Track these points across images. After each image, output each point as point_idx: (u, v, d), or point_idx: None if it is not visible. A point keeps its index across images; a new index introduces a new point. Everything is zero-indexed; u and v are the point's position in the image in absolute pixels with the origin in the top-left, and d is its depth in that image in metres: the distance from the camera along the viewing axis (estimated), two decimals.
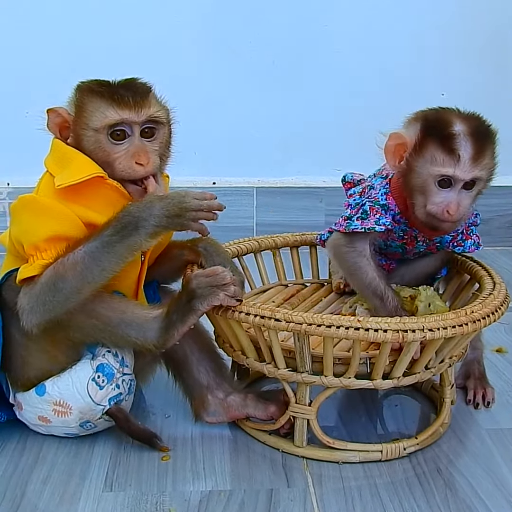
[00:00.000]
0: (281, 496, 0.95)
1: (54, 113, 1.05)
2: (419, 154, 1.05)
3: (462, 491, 0.96)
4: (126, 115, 1.02)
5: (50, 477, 0.99)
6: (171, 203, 0.97)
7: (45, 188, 1.03)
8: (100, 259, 0.96)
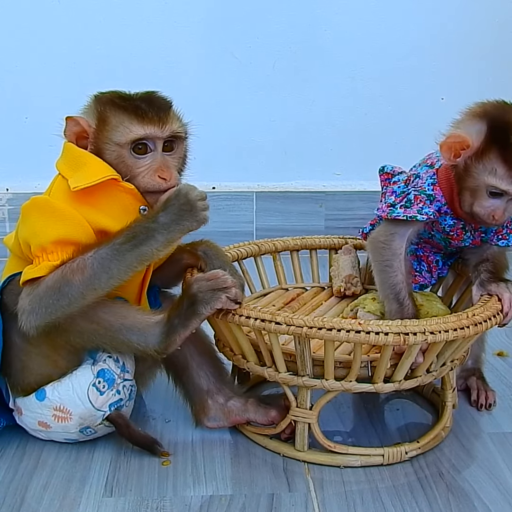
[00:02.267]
0: (282, 501, 0.94)
1: (73, 122, 1.05)
2: (480, 161, 1.04)
3: (464, 495, 0.96)
4: (151, 130, 1.02)
5: (50, 483, 0.98)
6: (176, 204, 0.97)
7: (57, 191, 1.03)
8: (109, 267, 0.95)
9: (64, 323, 0.98)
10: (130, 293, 1.08)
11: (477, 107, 1.08)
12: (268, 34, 2.27)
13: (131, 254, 0.96)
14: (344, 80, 2.32)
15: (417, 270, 1.22)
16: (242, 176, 2.33)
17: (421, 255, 1.23)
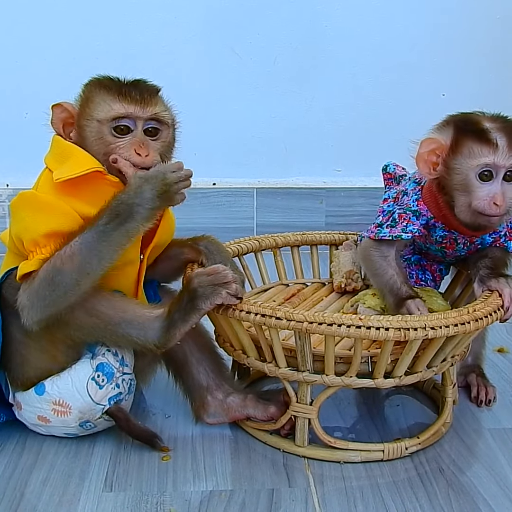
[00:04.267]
0: (282, 496, 0.94)
1: (59, 108, 1.06)
2: (457, 152, 1.05)
3: (464, 491, 0.95)
4: (132, 109, 1.02)
5: (50, 478, 0.98)
6: (157, 182, 0.96)
7: (44, 184, 1.03)
8: (97, 249, 0.95)
9: (64, 317, 0.98)
10: (126, 288, 1.08)
11: (442, 121, 1.11)
12: (269, 30, 2.26)
13: (117, 232, 0.95)
14: (345, 77, 2.32)
15: (422, 280, 1.23)
16: (242, 172, 2.33)
17: (425, 264, 1.23)
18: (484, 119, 1.06)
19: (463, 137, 1.05)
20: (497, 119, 1.06)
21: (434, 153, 1.08)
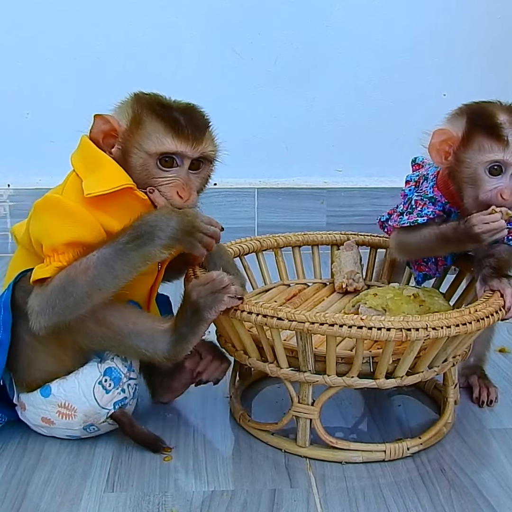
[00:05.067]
0: (284, 497, 0.94)
1: (102, 120, 1.04)
2: (467, 146, 1.06)
3: (466, 491, 0.95)
4: (183, 148, 1.01)
5: (52, 478, 0.98)
6: (186, 219, 0.96)
7: (71, 190, 1.01)
8: (112, 267, 0.94)
9: (73, 324, 0.98)
10: (139, 296, 1.08)
11: (456, 110, 1.12)
12: (270, 30, 2.26)
13: (134, 254, 0.94)
14: (346, 76, 2.32)
15: (423, 260, 1.22)
16: (243, 172, 2.33)
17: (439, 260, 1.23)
18: (499, 111, 1.06)
19: (474, 131, 1.06)
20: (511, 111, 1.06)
21: (446, 143, 1.09)
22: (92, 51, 2.20)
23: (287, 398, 1.05)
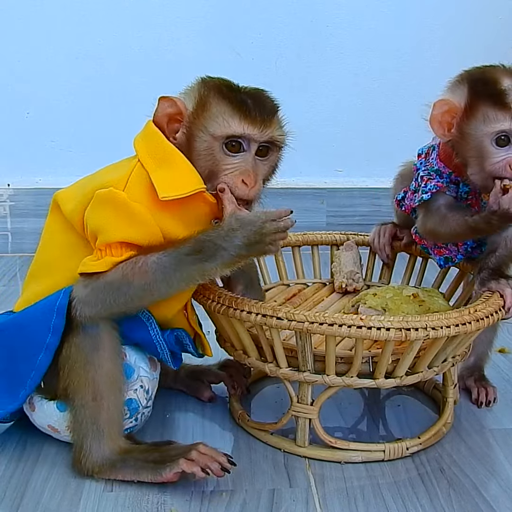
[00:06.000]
0: (283, 496, 0.94)
1: (168, 102, 0.99)
2: (471, 117, 1.02)
3: (465, 491, 0.95)
4: (250, 130, 0.97)
5: (51, 477, 0.98)
6: (252, 230, 0.91)
7: (136, 183, 0.96)
8: (170, 276, 0.92)
9: None
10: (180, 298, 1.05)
11: (457, 76, 1.08)
12: (270, 30, 2.26)
13: (194, 267, 0.91)
14: (347, 77, 2.32)
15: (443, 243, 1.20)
16: None
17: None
18: (503, 75, 1.01)
19: (477, 100, 1.01)
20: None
21: (448, 114, 1.05)
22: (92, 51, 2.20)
23: (286, 398, 1.05)
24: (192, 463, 0.93)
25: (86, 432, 0.96)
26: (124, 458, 0.96)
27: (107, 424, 0.96)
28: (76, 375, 0.96)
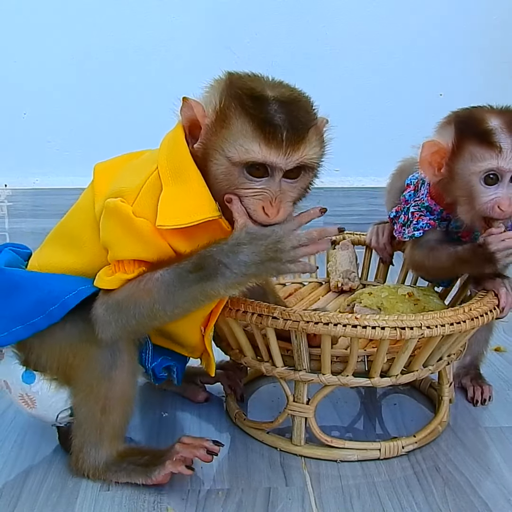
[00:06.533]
0: (279, 495, 0.94)
1: (186, 106, 0.87)
2: (459, 156, 1.01)
3: (460, 489, 0.96)
4: (273, 158, 0.83)
5: (48, 477, 0.98)
6: (264, 245, 0.81)
7: (149, 194, 0.87)
8: (173, 294, 0.84)
9: None
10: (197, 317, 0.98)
11: (444, 118, 1.08)
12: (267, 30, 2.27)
13: (196, 287, 0.83)
14: (342, 77, 2.32)
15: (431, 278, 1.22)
16: None
17: None
18: (489, 115, 1.00)
19: (464, 140, 1.01)
20: (504, 113, 1.01)
21: (437, 155, 1.05)
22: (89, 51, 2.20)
23: (282, 397, 1.06)
24: (178, 462, 0.92)
25: (88, 439, 0.96)
26: (118, 462, 0.96)
27: (110, 435, 0.96)
28: (87, 386, 0.94)
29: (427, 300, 1.12)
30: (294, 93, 0.89)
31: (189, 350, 1.06)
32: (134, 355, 0.96)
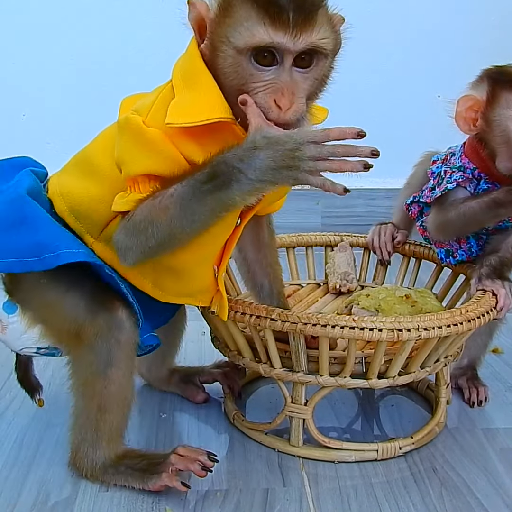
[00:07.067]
0: (277, 496, 0.95)
1: (191, 7, 0.83)
2: (494, 104, 1.06)
3: (457, 490, 0.96)
4: (280, 39, 0.76)
5: (46, 477, 0.99)
6: (281, 150, 0.74)
7: (161, 107, 0.84)
8: (191, 208, 0.79)
9: None
10: (210, 252, 0.94)
11: (477, 77, 1.13)
12: None
13: (212, 197, 0.78)
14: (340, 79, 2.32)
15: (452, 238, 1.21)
16: None
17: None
18: None
19: (498, 88, 1.06)
20: None
21: (472, 110, 1.08)
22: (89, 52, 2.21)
23: (280, 398, 1.06)
24: (173, 477, 0.92)
25: (85, 437, 0.95)
26: (116, 464, 0.96)
27: (108, 435, 0.95)
28: (83, 381, 0.94)
29: (424, 302, 1.13)
30: None
31: (201, 295, 0.99)
32: (131, 352, 0.94)
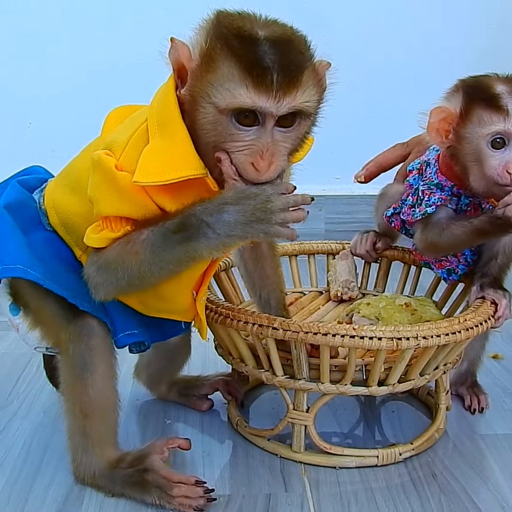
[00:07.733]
0: (279, 501, 0.96)
1: (174, 47, 0.79)
2: (466, 120, 1.04)
3: (456, 496, 0.98)
4: (262, 103, 0.75)
5: (53, 484, 1.00)
6: (252, 204, 0.75)
7: (134, 147, 0.82)
8: (159, 255, 0.80)
9: None
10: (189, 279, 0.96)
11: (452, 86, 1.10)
12: None
13: (180, 247, 0.79)
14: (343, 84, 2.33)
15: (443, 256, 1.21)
16: None
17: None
18: (496, 81, 1.03)
19: (472, 104, 1.03)
20: (510, 80, 1.04)
21: (445, 121, 1.07)
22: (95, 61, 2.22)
23: (283, 405, 1.08)
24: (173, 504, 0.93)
25: (78, 443, 0.96)
26: (110, 474, 0.96)
27: (97, 441, 0.96)
28: (66, 385, 0.96)
29: (423, 310, 1.14)
30: (287, 31, 0.80)
31: (184, 312, 1.03)
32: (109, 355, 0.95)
